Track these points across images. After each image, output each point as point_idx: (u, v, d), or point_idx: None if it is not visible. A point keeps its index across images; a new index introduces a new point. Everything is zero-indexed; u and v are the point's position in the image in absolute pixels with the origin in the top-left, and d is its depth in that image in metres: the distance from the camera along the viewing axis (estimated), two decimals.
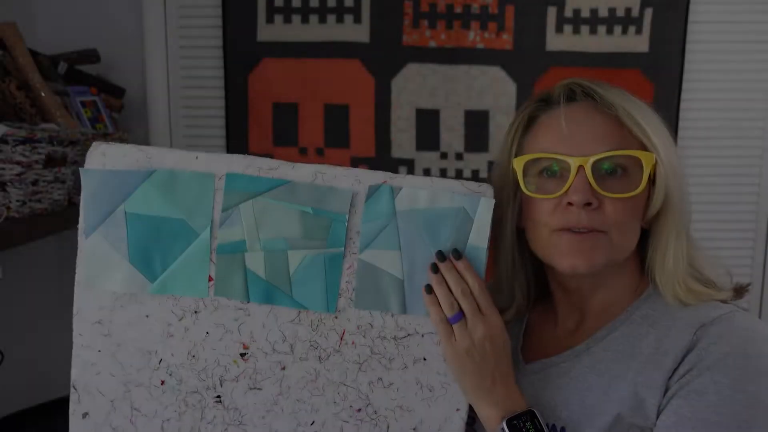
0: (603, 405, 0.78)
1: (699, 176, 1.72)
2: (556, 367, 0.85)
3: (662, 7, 1.63)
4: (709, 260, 0.84)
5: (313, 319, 0.80)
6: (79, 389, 0.81)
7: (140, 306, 0.80)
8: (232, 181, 0.78)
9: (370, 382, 0.80)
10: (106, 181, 0.78)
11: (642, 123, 0.79)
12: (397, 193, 0.78)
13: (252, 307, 0.80)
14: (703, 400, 0.71)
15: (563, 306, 0.90)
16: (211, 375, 0.80)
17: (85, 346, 0.80)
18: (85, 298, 0.80)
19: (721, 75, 1.69)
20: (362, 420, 0.80)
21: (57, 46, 1.60)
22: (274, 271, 0.79)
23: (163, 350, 0.80)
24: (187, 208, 0.78)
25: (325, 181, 0.79)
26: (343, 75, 1.67)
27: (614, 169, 0.79)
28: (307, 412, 0.80)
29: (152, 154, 0.79)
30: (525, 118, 0.87)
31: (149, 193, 0.78)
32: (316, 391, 0.80)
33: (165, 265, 0.79)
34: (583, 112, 0.81)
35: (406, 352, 0.80)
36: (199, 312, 0.80)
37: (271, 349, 0.80)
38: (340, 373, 0.80)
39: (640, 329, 0.81)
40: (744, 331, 0.75)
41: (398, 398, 0.80)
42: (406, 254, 0.78)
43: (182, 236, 0.79)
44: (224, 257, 0.79)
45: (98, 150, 0.79)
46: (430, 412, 0.80)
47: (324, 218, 0.78)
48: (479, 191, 0.78)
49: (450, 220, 0.78)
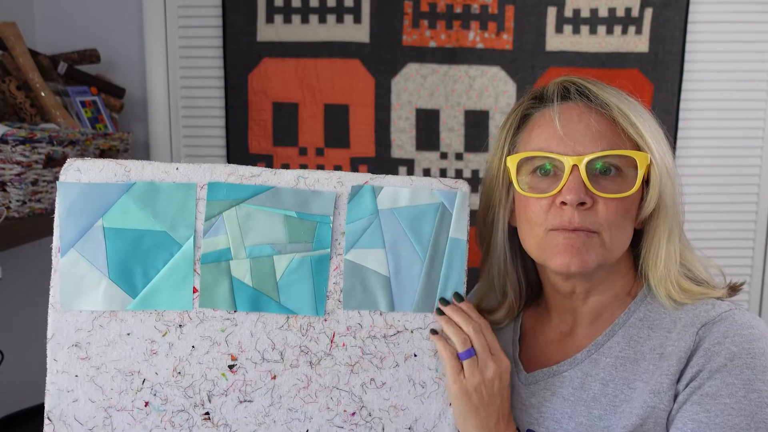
0: (611, 416, 0.77)
1: (699, 176, 1.72)
2: (559, 376, 0.84)
3: (662, 7, 1.63)
4: (702, 260, 0.84)
5: (302, 323, 0.79)
6: (54, 420, 0.77)
7: (121, 324, 0.77)
8: (215, 189, 0.77)
9: (363, 383, 0.80)
10: (83, 194, 0.76)
11: (637, 123, 0.78)
12: (379, 193, 0.79)
13: (239, 317, 0.78)
14: (718, 404, 0.71)
15: (557, 309, 0.89)
16: (198, 391, 0.78)
17: (60, 372, 0.77)
18: (59, 320, 0.77)
19: (721, 75, 1.69)
20: (357, 424, 0.80)
21: (57, 46, 1.61)
22: (260, 278, 0.78)
23: (146, 369, 0.77)
24: (169, 220, 0.77)
25: (308, 185, 0.79)
26: (343, 75, 1.67)
27: (608, 169, 0.78)
28: (300, 421, 0.79)
29: (130, 167, 0.77)
30: (519, 116, 0.86)
31: (128, 206, 0.77)
32: (308, 398, 0.79)
33: (147, 279, 0.77)
34: (578, 112, 0.80)
35: (396, 350, 0.80)
36: (184, 325, 0.78)
37: (260, 358, 0.78)
38: (332, 377, 0.79)
39: (640, 332, 0.80)
40: (747, 329, 0.75)
41: (392, 398, 0.80)
42: (391, 252, 0.79)
43: (164, 248, 0.77)
44: (209, 267, 0.78)
45: (72, 166, 0.77)
46: (424, 408, 0.80)
47: (309, 221, 0.78)
48: (456, 186, 0.80)
49: (431, 215, 0.80)
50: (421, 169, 1.70)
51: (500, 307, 0.92)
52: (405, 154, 1.70)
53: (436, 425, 0.80)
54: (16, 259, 1.50)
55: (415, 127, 1.69)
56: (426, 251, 0.80)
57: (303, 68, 1.67)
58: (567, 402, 0.81)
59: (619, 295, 0.84)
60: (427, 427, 0.80)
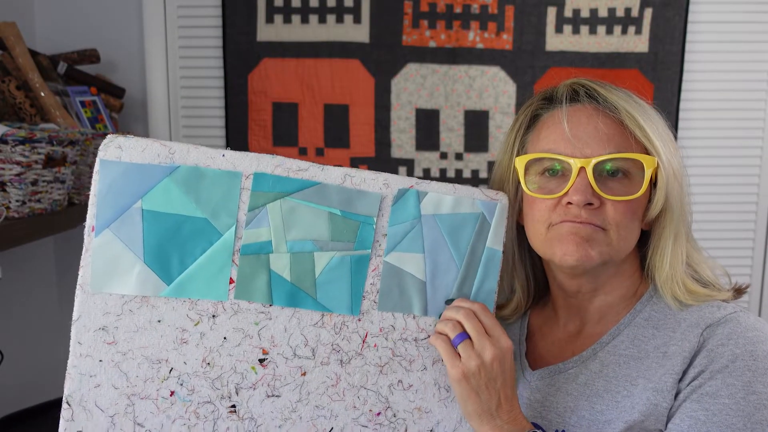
0: (613, 410, 0.78)
1: (699, 176, 1.72)
2: (564, 373, 0.85)
3: (662, 7, 1.63)
4: (708, 261, 0.84)
5: (336, 322, 0.79)
6: (74, 405, 0.74)
7: (152, 310, 0.75)
8: (260, 180, 0.76)
9: (390, 384, 0.80)
10: (124, 174, 0.74)
11: (645, 126, 0.79)
12: (423, 198, 0.80)
13: (274, 311, 0.77)
14: (716, 403, 0.72)
15: (564, 309, 0.90)
16: (226, 383, 0.77)
17: (84, 356, 0.74)
18: (87, 302, 0.74)
19: (721, 75, 1.69)
20: (381, 424, 0.80)
21: (57, 46, 1.61)
22: (299, 273, 0.77)
23: (175, 358, 0.75)
24: (212, 207, 0.75)
25: (354, 184, 0.78)
26: (343, 75, 1.67)
27: (615, 171, 0.79)
28: (325, 418, 0.79)
29: (175, 150, 0.75)
30: (528, 116, 0.87)
31: (171, 189, 0.74)
32: (336, 396, 0.79)
33: (183, 266, 0.75)
34: (586, 114, 0.81)
35: (426, 354, 0.80)
36: (218, 316, 0.76)
37: (292, 353, 0.78)
38: (361, 377, 0.79)
39: (645, 332, 0.81)
40: (751, 331, 0.76)
41: (417, 400, 0.80)
42: (430, 257, 0.80)
43: (204, 236, 0.75)
44: (248, 258, 0.76)
45: (113, 143, 0.74)
46: (446, 412, 0.81)
47: (353, 220, 0.78)
48: (497, 198, 0.82)
49: (470, 224, 0.81)
50: (421, 170, 1.70)
51: (508, 303, 0.94)
52: (405, 154, 1.70)
53: (457, 429, 0.81)
54: (16, 259, 1.50)
55: (415, 127, 1.69)
56: (463, 259, 0.80)
57: (303, 68, 1.67)
58: (570, 397, 0.82)
59: (626, 295, 0.85)
60: (447, 430, 0.81)
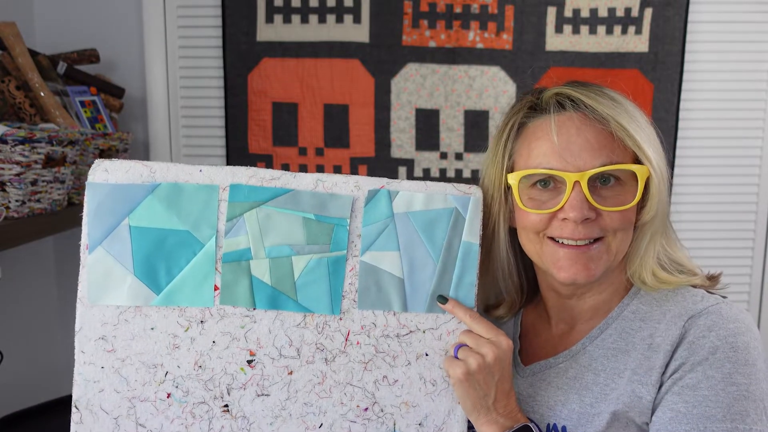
0: (602, 403, 0.79)
1: (699, 176, 1.72)
2: (554, 368, 0.86)
3: (662, 7, 1.63)
4: (684, 251, 0.86)
5: (318, 322, 0.82)
6: (81, 408, 0.81)
7: (145, 319, 0.81)
8: (236, 191, 0.80)
9: (376, 380, 0.82)
10: (111, 194, 0.80)
11: (635, 136, 0.79)
12: (394, 197, 0.82)
13: (258, 314, 0.81)
14: (696, 395, 0.73)
15: (555, 309, 0.91)
16: (218, 384, 0.81)
17: (87, 363, 0.80)
18: (87, 314, 0.80)
19: (721, 75, 1.69)
20: (369, 419, 0.82)
21: (57, 46, 1.61)
22: (279, 277, 0.81)
23: (169, 362, 0.81)
24: (192, 220, 0.80)
25: (326, 188, 0.81)
26: (343, 75, 1.67)
27: (608, 179, 0.79)
28: (314, 415, 0.82)
29: (156, 169, 0.80)
30: (515, 126, 0.85)
31: (153, 206, 0.80)
32: (323, 393, 0.82)
33: (170, 276, 0.80)
34: (576, 124, 0.80)
35: (409, 349, 0.82)
36: (205, 321, 0.81)
37: (278, 354, 0.81)
38: (347, 374, 0.82)
39: (633, 324, 0.83)
40: (732, 323, 0.76)
41: (403, 394, 0.82)
42: (405, 254, 0.82)
43: (187, 247, 0.80)
44: (230, 266, 0.81)
45: (101, 167, 0.80)
46: (434, 406, 0.83)
47: (326, 223, 0.81)
48: (470, 192, 0.83)
49: (444, 220, 0.82)
50: (420, 169, 1.70)
51: (503, 303, 0.96)
52: (405, 154, 1.70)
53: (446, 422, 0.83)
54: (16, 259, 1.50)
55: (415, 127, 1.69)
56: (439, 254, 0.82)
57: (303, 68, 1.67)
58: (560, 391, 0.84)
59: (615, 291, 0.86)
60: (436, 423, 0.83)
